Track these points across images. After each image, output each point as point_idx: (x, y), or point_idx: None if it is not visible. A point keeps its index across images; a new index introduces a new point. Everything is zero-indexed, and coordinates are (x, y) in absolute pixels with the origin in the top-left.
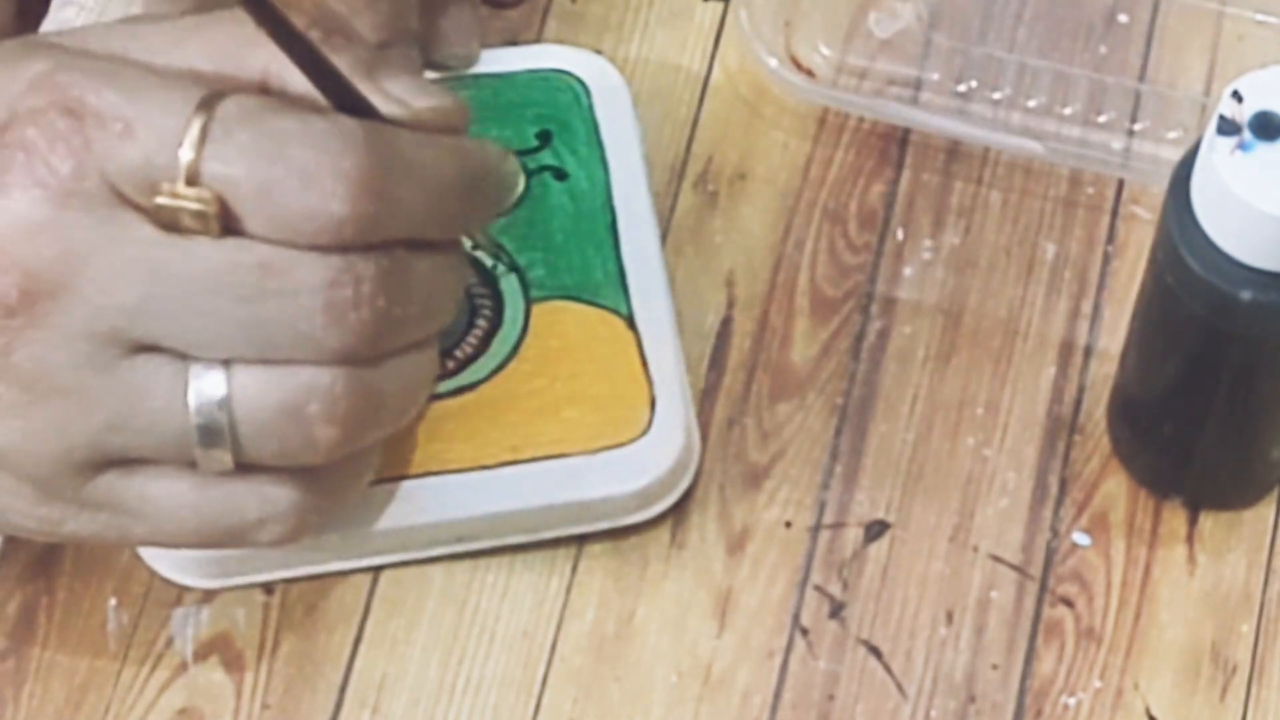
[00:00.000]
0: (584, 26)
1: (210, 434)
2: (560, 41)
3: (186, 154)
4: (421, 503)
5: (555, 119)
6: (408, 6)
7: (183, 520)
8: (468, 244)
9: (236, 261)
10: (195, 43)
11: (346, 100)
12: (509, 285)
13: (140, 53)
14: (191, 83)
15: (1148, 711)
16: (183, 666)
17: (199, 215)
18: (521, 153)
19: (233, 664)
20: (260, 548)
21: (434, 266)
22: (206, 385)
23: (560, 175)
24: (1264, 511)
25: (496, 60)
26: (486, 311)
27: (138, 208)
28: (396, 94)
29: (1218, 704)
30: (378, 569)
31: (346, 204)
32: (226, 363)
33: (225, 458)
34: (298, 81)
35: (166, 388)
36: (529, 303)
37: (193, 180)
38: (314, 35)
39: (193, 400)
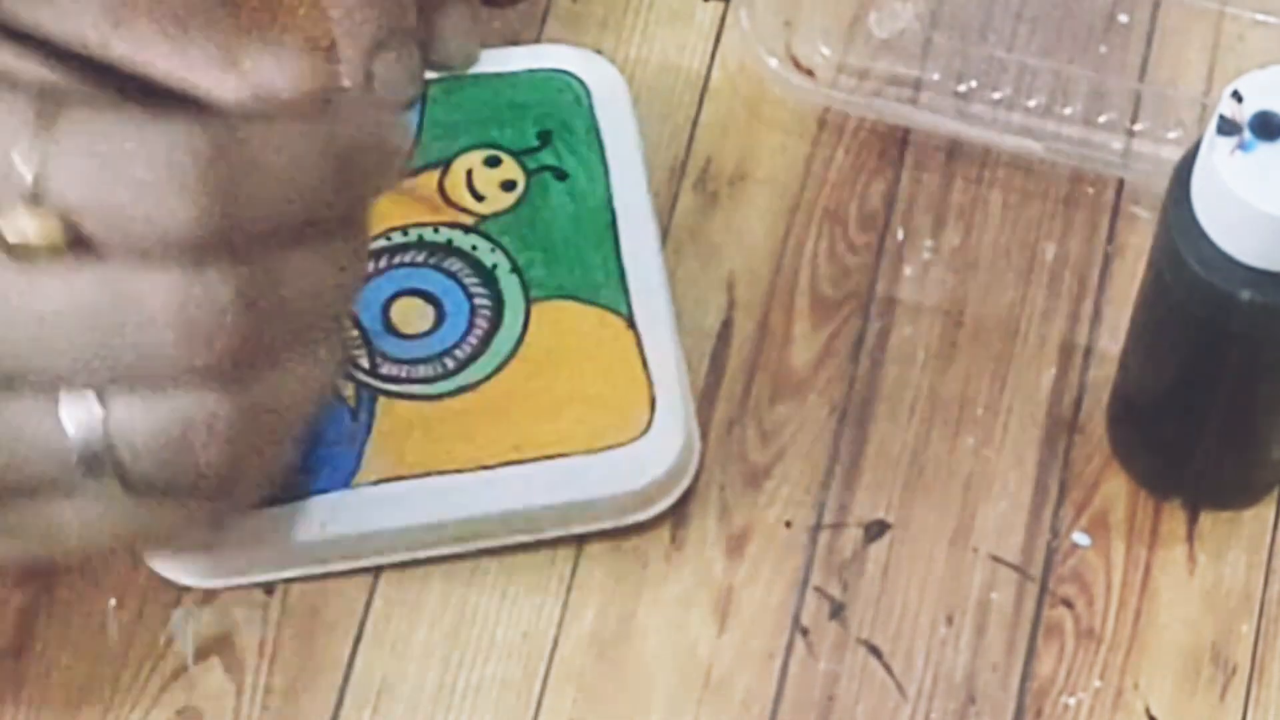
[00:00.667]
0: (584, 26)
1: (93, 466)
2: (560, 41)
3: (24, 179)
4: (421, 503)
5: (555, 119)
6: (405, 6)
7: (103, 538)
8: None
9: (87, 292)
10: (52, 23)
11: (174, 97)
12: (509, 285)
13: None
14: (20, 95)
15: (1148, 711)
16: (183, 666)
17: (46, 241)
18: (522, 152)
19: (233, 664)
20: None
21: (313, 258)
22: (81, 416)
23: (560, 175)
24: (1264, 511)
25: (496, 60)
26: (486, 311)
27: None
28: (262, 79)
29: (1218, 704)
30: (378, 569)
31: (192, 208)
32: (100, 392)
33: (114, 487)
34: (160, 65)
35: (38, 423)
36: (529, 302)
37: (34, 204)
38: (166, 22)
39: (70, 432)
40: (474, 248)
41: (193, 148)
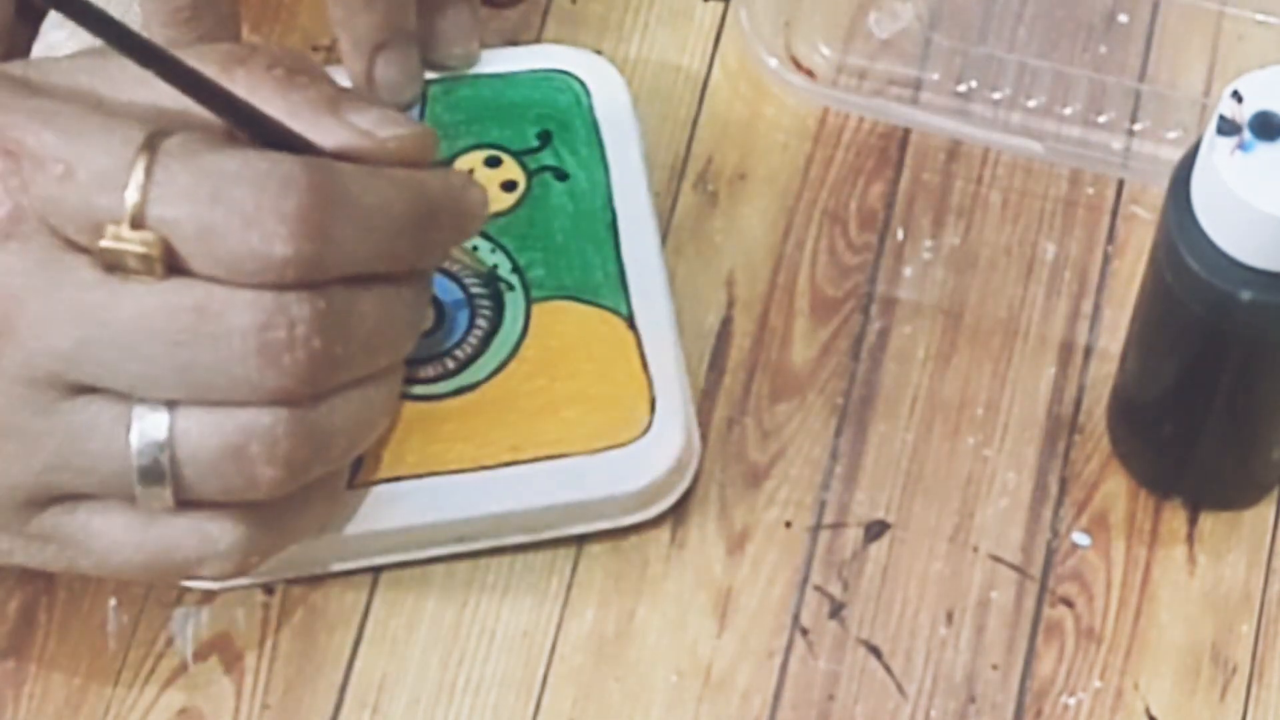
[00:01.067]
0: (584, 26)
1: (152, 474)
2: (560, 41)
3: (131, 197)
4: (421, 503)
5: (556, 119)
6: (405, 7)
7: (127, 555)
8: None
9: (171, 305)
10: (161, 82)
11: (281, 140)
12: (509, 285)
13: (105, 88)
14: (134, 122)
15: (1148, 711)
16: (183, 666)
17: (143, 258)
18: (522, 153)
19: (233, 664)
20: (208, 578)
21: (382, 301)
22: (148, 427)
23: (561, 175)
24: (1264, 511)
25: (496, 60)
26: (486, 311)
27: (81, 249)
28: (363, 127)
29: (1218, 704)
30: (378, 569)
31: (289, 244)
32: (170, 403)
33: (166, 495)
34: (266, 112)
35: (108, 430)
36: (529, 303)
37: (137, 223)
38: (277, 74)
39: (135, 442)
40: (474, 248)
41: (294, 179)
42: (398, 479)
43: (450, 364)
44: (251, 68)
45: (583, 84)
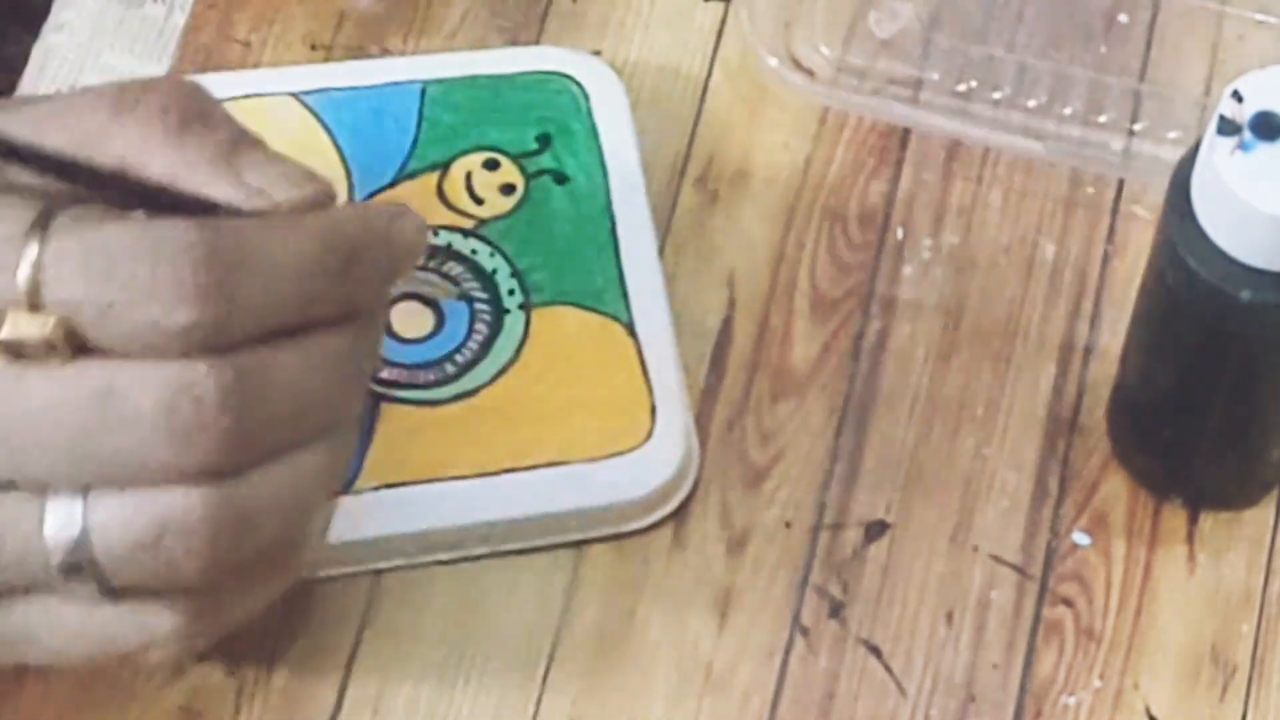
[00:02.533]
0: (584, 27)
1: (72, 569)
2: (560, 42)
3: (24, 281)
4: (422, 510)
5: (555, 122)
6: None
7: (69, 647)
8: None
9: (76, 392)
10: (55, 127)
11: (175, 204)
12: (509, 289)
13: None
14: (25, 199)
15: (1148, 711)
16: (183, 667)
17: (45, 343)
18: (521, 155)
19: (233, 664)
20: (154, 665)
21: (306, 355)
22: (62, 522)
23: (560, 179)
24: (1264, 511)
25: (495, 62)
26: (486, 316)
27: None
28: (256, 184)
29: (1218, 704)
30: (379, 571)
31: (190, 312)
32: (86, 489)
33: (91, 589)
34: (154, 167)
35: (24, 527)
36: (529, 308)
37: (35, 306)
38: (170, 121)
39: (50, 538)
40: (474, 251)
41: (188, 244)
42: (398, 485)
43: (451, 369)
44: (143, 114)
45: (581, 87)
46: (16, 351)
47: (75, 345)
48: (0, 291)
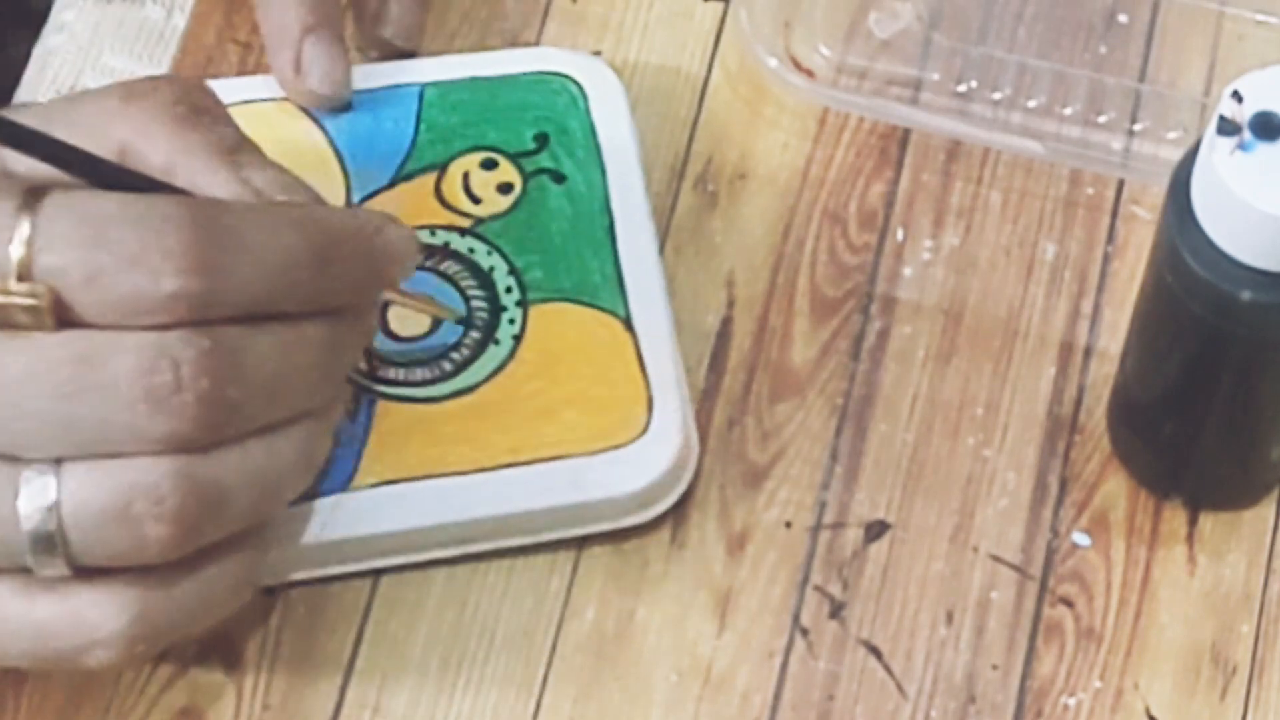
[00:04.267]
0: (584, 27)
1: (41, 541)
2: (560, 42)
3: (16, 250)
4: (420, 506)
5: (553, 122)
6: None
7: (8, 644)
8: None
9: (55, 358)
10: (58, 122)
11: (157, 190)
12: (506, 287)
13: None
14: (14, 181)
15: (1148, 711)
16: (183, 666)
17: (31, 310)
18: (519, 155)
19: (233, 664)
20: (93, 668)
21: (283, 342)
22: (36, 490)
23: (558, 178)
24: (1264, 511)
25: (494, 63)
26: (483, 314)
27: None
28: (255, 185)
29: (1218, 704)
30: (379, 570)
31: (175, 280)
32: (59, 461)
33: (59, 564)
34: (155, 154)
35: None
36: (526, 305)
37: (25, 275)
38: (179, 111)
39: (22, 507)
40: (471, 250)
41: (178, 216)
42: (396, 481)
43: (448, 366)
44: (154, 102)
45: (579, 86)
46: (3, 322)
47: (61, 317)
48: None
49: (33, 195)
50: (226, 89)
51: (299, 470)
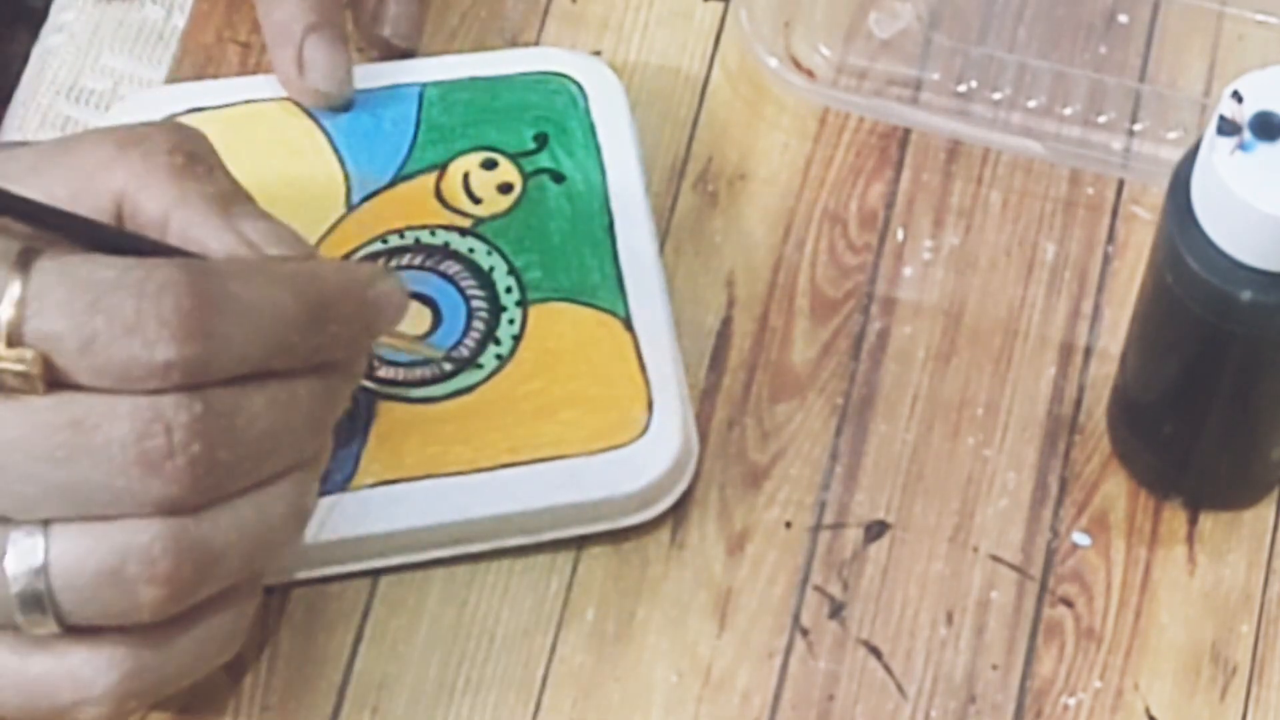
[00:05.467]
0: (584, 27)
1: (30, 601)
2: (560, 42)
3: (6, 313)
4: (420, 506)
5: (552, 121)
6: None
7: (5, 692)
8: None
9: (48, 423)
10: (53, 169)
11: (158, 252)
12: (506, 287)
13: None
14: (8, 239)
15: (1148, 711)
16: None
17: (23, 376)
18: (519, 155)
19: (233, 664)
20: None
21: (275, 400)
22: (24, 552)
23: (557, 178)
24: (1264, 511)
25: (493, 63)
26: (483, 314)
27: None
28: (250, 238)
29: (1218, 704)
30: (378, 571)
31: (172, 348)
32: (47, 522)
33: (49, 623)
34: (152, 204)
35: None
36: (526, 305)
37: (14, 340)
38: (175, 160)
39: (10, 568)
40: (471, 250)
41: (173, 281)
42: (396, 481)
43: (447, 366)
44: (149, 150)
45: (579, 86)
46: None
47: (51, 380)
48: None
49: (26, 256)
50: (226, 89)
51: (290, 523)
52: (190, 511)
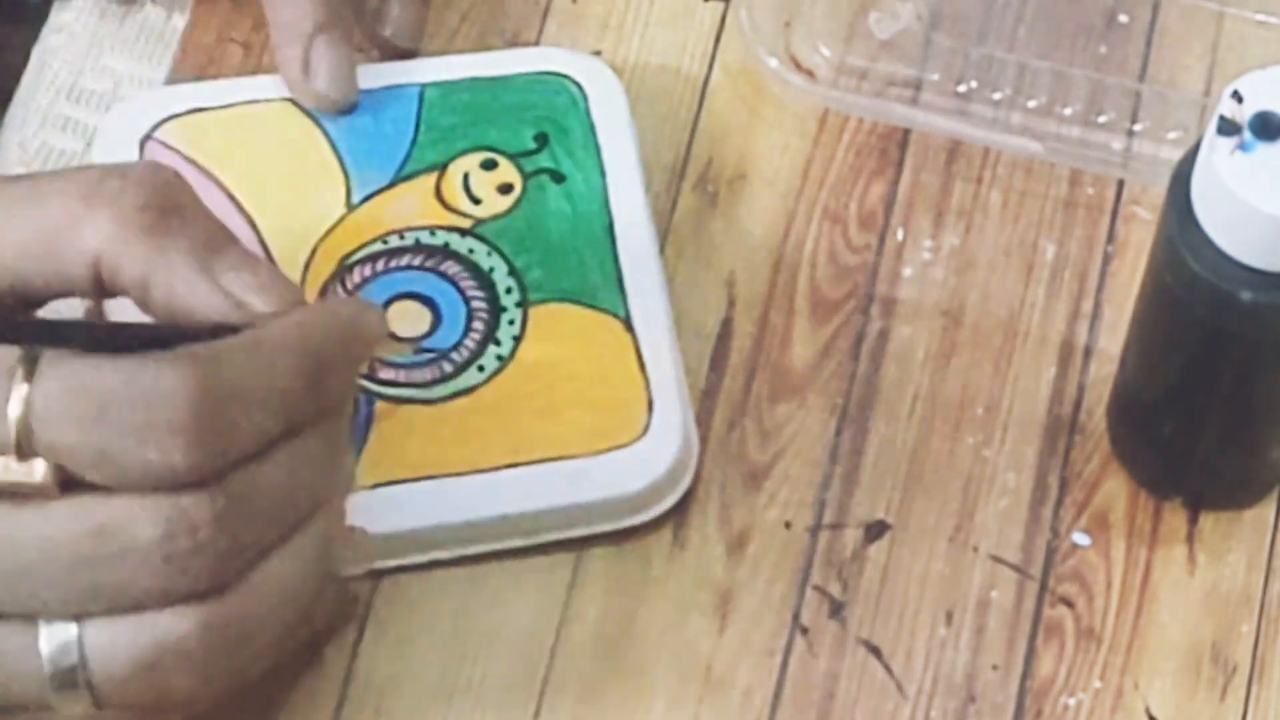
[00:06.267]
0: (584, 27)
1: (67, 684)
2: (560, 42)
3: (14, 426)
4: (420, 507)
5: (552, 122)
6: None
7: None
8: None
9: (69, 532)
10: (28, 215)
11: (152, 339)
12: (506, 288)
13: None
14: (5, 349)
15: (1148, 711)
16: None
17: (37, 486)
18: (519, 155)
19: None
20: None
21: (287, 462)
22: (58, 650)
23: (557, 178)
24: (1264, 511)
25: (494, 63)
26: (483, 314)
27: None
28: (236, 294)
29: (1218, 704)
30: (379, 571)
31: (187, 454)
32: (79, 616)
33: (86, 701)
34: (130, 267)
35: (18, 654)
36: (526, 305)
37: (25, 451)
38: (147, 218)
39: (47, 667)
40: (471, 251)
41: (179, 385)
42: (396, 483)
43: (448, 367)
44: (120, 209)
45: (579, 86)
46: (6, 494)
47: (64, 480)
48: None
49: (27, 362)
50: (227, 89)
51: (318, 570)
52: (220, 593)
